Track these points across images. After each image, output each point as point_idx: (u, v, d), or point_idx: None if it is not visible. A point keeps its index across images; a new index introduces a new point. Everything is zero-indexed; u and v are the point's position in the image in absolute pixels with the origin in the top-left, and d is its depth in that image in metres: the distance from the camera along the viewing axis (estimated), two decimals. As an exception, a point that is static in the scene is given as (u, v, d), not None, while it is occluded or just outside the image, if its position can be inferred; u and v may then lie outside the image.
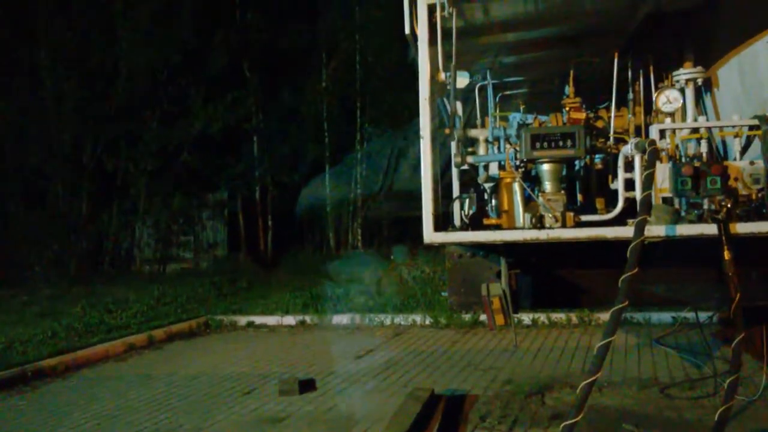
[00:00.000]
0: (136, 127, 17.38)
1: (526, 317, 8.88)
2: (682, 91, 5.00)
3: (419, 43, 4.38)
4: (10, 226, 16.37)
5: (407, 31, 4.49)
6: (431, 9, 4.33)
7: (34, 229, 16.49)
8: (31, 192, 16.89)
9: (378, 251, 17.17)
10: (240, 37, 18.48)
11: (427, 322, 9.43)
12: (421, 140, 4.27)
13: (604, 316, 8.09)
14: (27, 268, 15.87)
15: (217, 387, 6.58)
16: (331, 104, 19.45)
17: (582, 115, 5.04)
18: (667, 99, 4.90)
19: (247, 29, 18.71)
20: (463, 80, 5.56)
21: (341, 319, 9.89)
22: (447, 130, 4.74)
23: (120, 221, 17.78)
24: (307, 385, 6.27)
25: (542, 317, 8.90)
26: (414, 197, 4.54)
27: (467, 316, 9.01)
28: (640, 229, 3.50)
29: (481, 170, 5.64)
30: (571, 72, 5.35)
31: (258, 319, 10.26)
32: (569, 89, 5.26)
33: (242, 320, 10.28)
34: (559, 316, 8.87)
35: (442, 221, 4.42)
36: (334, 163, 19.70)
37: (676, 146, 4.68)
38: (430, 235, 4.17)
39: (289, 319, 10.10)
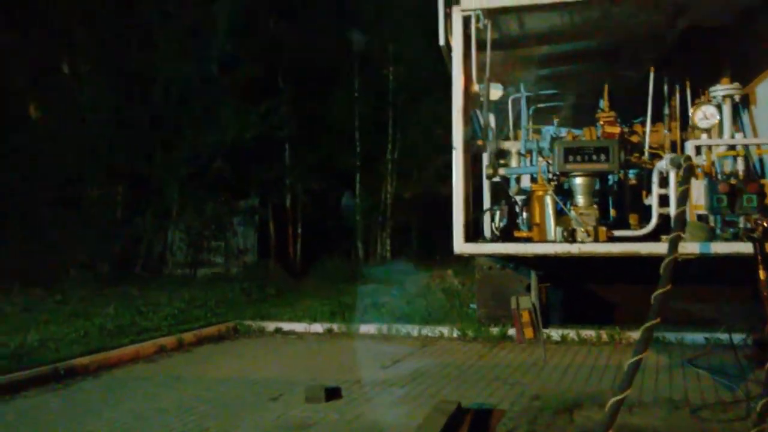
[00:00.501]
0: (171, 135, 17.70)
1: (556, 333, 8.78)
2: (718, 107, 4.93)
3: (453, 55, 4.40)
4: (47, 228, 16.74)
5: (441, 42, 4.52)
6: (466, 21, 4.36)
7: (70, 233, 16.84)
8: (67, 196, 17.28)
9: (407, 261, 17.17)
10: (273, 47, 18.70)
11: (455, 335, 9.39)
12: (454, 151, 4.29)
13: (635, 335, 7.96)
14: (62, 269, 16.20)
15: (245, 391, 6.63)
16: (363, 113, 19.58)
17: (616, 130, 5.00)
18: (703, 115, 4.84)
19: (281, 40, 18.92)
20: (496, 92, 5.56)
21: (369, 328, 9.89)
22: (480, 142, 4.75)
23: (153, 226, 18.07)
24: (333, 393, 6.29)
25: (572, 333, 8.79)
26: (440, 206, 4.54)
27: (495, 330, 8.95)
28: (674, 246, 3.46)
29: (512, 182, 5.63)
30: (606, 86, 5.32)
31: (286, 326, 10.33)
32: (604, 103, 5.23)
33: (270, 326, 10.35)
34: (589, 332, 8.75)
35: (473, 232, 4.42)
36: (364, 172, 19.79)
37: (712, 163, 4.62)
38: (460, 245, 4.17)
39: (317, 327, 10.14)
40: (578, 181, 4.41)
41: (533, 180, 4.90)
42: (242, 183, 18.82)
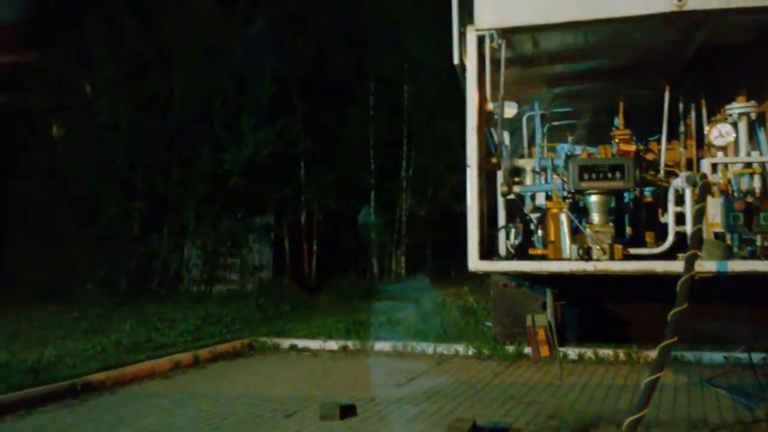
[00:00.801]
0: (188, 152, 17.91)
1: (572, 351, 8.71)
2: (734, 125, 4.93)
3: (468, 74, 4.45)
4: (65, 244, 16.94)
5: (456, 61, 4.57)
6: (480, 40, 4.40)
7: (88, 248, 17.03)
8: (86, 212, 17.50)
9: (422, 278, 17.14)
10: (289, 66, 18.89)
11: (470, 353, 9.34)
12: (468, 169, 4.32)
13: (653, 354, 7.88)
14: (79, 285, 16.35)
15: (260, 408, 6.64)
16: (378, 131, 19.68)
17: (632, 148, 5.01)
18: (719, 133, 4.83)
19: (296, 59, 19.11)
20: (510, 110, 5.60)
21: (383, 345, 9.87)
22: (494, 159, 4.77)
23: (169, 243, 18.22)
24: (348, 411, 6.28)
25: (589, 352, 8.72)
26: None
27: (511, 348, 8.89)
28: (690, 264, 3.45)
29: (527, 200, 5.64)
30: (621, 104, 5.33)
31: (301, 343, 10.33)
32: (619, 121, 5.25)
33: (285, 343, 10.36)
34: (606, 351, 8.67)
35: (488, 250, 4.43)
36: (379, 190, 19.86)
37: (729, 181, 4.61)
38: (475, 263, 4.19)
39: (332, 344, 10.13)
40: (593, 198, 4.42)
41: (548, 198, 4.91)
42: (258, 200, 18.94)
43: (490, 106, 4.63)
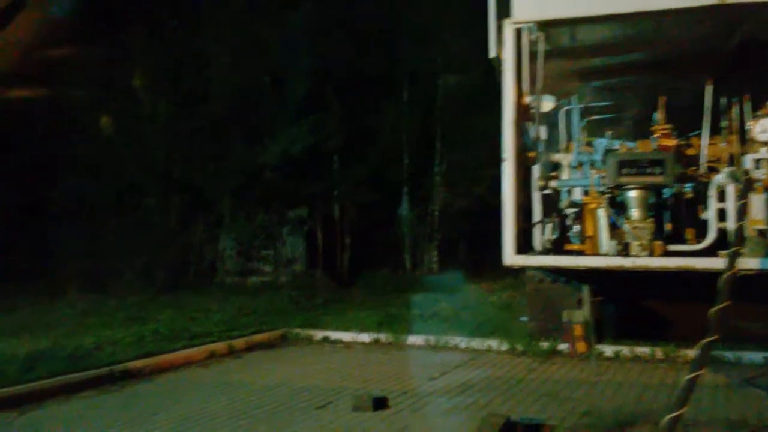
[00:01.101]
0: (224, 146, 18.13)
1: (609, 349, 8.58)
2: (780, 119, 4.81)
3: (504, 67, 4.42)
4: (105, 235, 17.33)
5: (492, 54, 4.54)
6: (518, 33, 4.37)
7: (126, 240, 17.40)
8: (125, 204, 17.87)
9: (455, 272, 17.10)
10: (324, 61, 18.95)
11: (504, 348, 9.29)
12: (504, 163, 4.30)
13: (691, 353, 7.74)
14: (118, 275, 16.72)
15: (293, 398, 6.71)
16: (411, 125, 19.65)
17: (672, 143, 4.93)
18: (763, 128, 4.72)
19: (331, 54, 19.16)
20: (548, 104, 5.55)
21: (416, 339, 9.89)
22: (531, 154, 4.74)
23: (205, 235, 18.50)
24: (380, 403, 6.30)
25: (625, 350, 8.58)
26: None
27: (546, 344, 8.82)
28: (732, 261, 3.39)
29: (564, 195, 5.59)
30: (661, 98, 5.24)
31: (334, 335, 10.40)
32: (659, 116, 5.16)
33: (318, 335, 10.45)
34: (643, 350, 8.53)
35: (523, 244, 4.42)
36: (412, 185, 19.84)
37: (773, 177, 4.50)
38: (510, 257, 4.18)
39: (364, 336, 10.18)
40: (632, 194, 4.37)
41: (585, 193, 4.86)
42: (292, 194, 19.10)
43: (527, 99, 4.60)
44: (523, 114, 4.65)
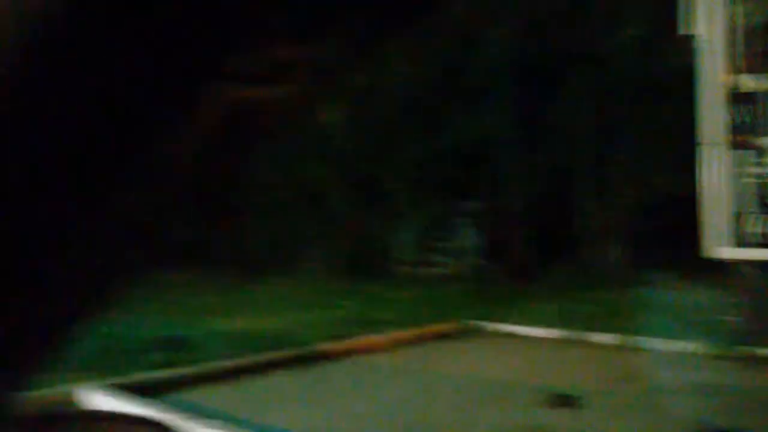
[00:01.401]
0: (400, 138, 18.40)
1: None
2: None
3: (699, 44, 3.91)
4: (291, 226, 18.39)
5: (683, 31, 4.04)
6: (715, 6, 3.83)
7: (310, 229, 18.33)
8: (310, 196, 18.82)
9: (641, 268, 15.93)
10: (499, 49, 18.51)
11: (706, 350, 8.40)
12: (702, 148, 3.82)
13: None
14: (301, 262, 17.65)
15: (478, 392, 6.60)
16: (589, 114, 18.61)
17: None
18: None
19: (506, 42, 18.66)
20: (751, 83, 4.85)
21: (605, 337, 9.27)
22: (740, 138, 4.16)
23: (383, 225, 18.95)
24: (568, 401, 5.98)
25: None
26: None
27: (761, 348, 7.83)
28: None
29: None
30: None
31: (514, 329, 10.10)
32: None
33: (497, 328, 10.20)
34: None
35: (728, 236, 3.89)
36: (593, 175, 18.83)
37: None
38: (714, 249, 3.69)
39: (548, 332, 9.74)
40: None
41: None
42: (467, 185, 18.94)
43: (726, 79, 4.02)
44: (723, 95, 4.08)
